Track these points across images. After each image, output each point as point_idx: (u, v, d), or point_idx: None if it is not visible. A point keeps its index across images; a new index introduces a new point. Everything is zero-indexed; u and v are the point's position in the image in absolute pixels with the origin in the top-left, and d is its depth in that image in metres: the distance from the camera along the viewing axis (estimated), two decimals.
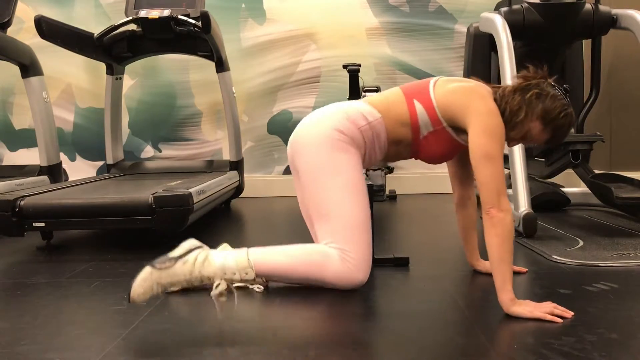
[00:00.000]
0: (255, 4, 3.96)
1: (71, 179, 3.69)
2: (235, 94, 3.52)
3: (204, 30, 3.01)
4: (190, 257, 1.50)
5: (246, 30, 3.98)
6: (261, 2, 3.96)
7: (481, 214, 1.47)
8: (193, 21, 3.08)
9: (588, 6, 2.75)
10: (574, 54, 3.16)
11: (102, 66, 3.50)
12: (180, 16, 3.08)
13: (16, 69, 3.26)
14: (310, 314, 1.51)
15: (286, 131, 4.00)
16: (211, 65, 3.42)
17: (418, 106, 1.60)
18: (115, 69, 3.47)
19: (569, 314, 1.36)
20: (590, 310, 1.42)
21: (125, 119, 3.93)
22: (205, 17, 2.93)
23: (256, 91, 4.01)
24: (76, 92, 4.04)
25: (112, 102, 3.52)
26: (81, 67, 4.00)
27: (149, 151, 4.05)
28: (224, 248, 1.62)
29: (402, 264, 1.94)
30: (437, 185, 3.91)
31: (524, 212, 2.29)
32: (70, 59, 3.81)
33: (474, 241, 1.83)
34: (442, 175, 3.89)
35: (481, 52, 3.11)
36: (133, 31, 3.27)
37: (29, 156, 4.00)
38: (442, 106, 1.58)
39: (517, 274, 1.76)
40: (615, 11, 2.77)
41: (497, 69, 2.76)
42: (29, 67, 3.23)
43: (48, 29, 2.93)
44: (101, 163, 3.98)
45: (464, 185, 1.81)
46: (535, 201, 2.60)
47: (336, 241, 1.55)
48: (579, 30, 2.80)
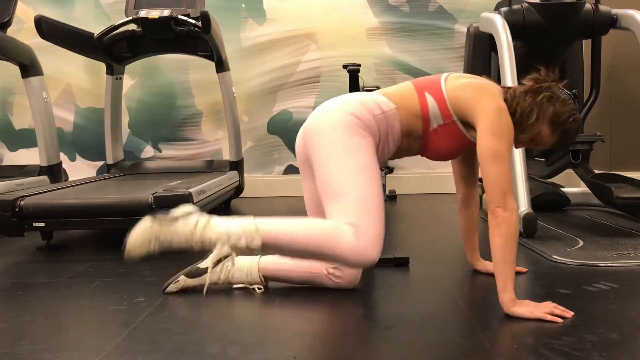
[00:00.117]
0: (255, 4, 3.96)
1: (71, 179, 3.69)
2: (235, 94, 3.52)
3: (204, 30, 3.01)
4: (191, 219, 1.43)
5: (246, 30, 3.98)
6: (261, 2, 3.96)
7: (482, 215, 1.47)
8: (193, 21, 3.08)
9: (588, 6, 2.75)
10: (574, 54, 3.16)
11: (102, 66, 3.50)
12: (180, 16, 3.08)
13: (16, 69, 3.26)
14: (310, 314, 1.51)
15: (286, 131, 4.01)
16: (211, 65, 3.42)
17: (429, 98, 1.57)
18: (115, 69, 3.48)
19: (569, 314, 1.37)
20: (590, 310, 1.42)
21: (125, 119, 3.93)
22: (205, 17, 2.93)
23: (256, 91, 4.01)
24: (76, 92, 4.04)
25: (112, 102, 3.52)
26: (81, 67, 4.00)
27: (149, 151, 4.05)
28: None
29: (402, 263, 1.94)
30: (437, 185, 3.91)
31: (524, 212, 2.29)
32: (70, 59, 3.81)
33: (475, 241, 1.83)
34: (442, 175, 3.91)
35: (481, 52, 3.11)
36: (133, 31, 3.27)
37: (29, 156, 4.00)
38: (452, 99, 1.55)
39: (517, 273, 1.74)
40: (615, 11, 2.77)
41: (497, 69, 2.76)
42: (29, 67, 3.23)
43: (48, 29, 2.93)
44: (101, 163, 3.98)
45: (469, 185, 1.80)
46: (535, 201, 2.60)
47: (350, 218, 1.44)
48: (579, 30, 2.80)
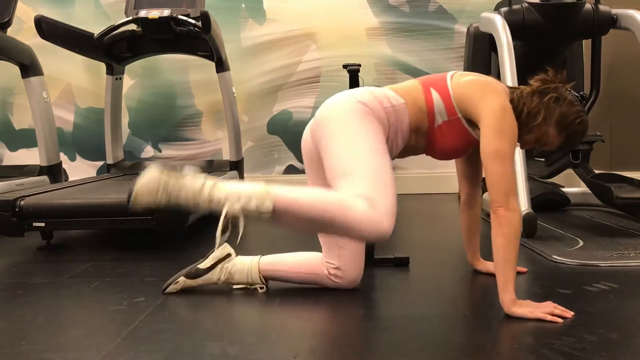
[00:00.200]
0: (255, 4, 3.96)
1: (71, 179, 3.69)
2: (235, 94, 3.52)
3: (204, 30, 3.01)
4: (199, 178, 1.38)
5: (246, 30, 3.98)
6: (261, 2, 3.96)
7: (483, 215, 1.47)
8: (193, 21, 3.07)
9: (588, 6, 2.75)
10: (574, 54, 3.17)
11: (102, 66, 3.50)
12: (180, 16, 3.08)
13: (16, 69, 3.26)
14: (310, 314, 1.51)
15: (286, 131, 4.01)
16: (211, 65, 3.42)
17: (434, 94, 1.57)
18: (115, 69, 3.47)
19: (569, 314, 1.37)
20: (590, 310, 1.42)
21: (125, 119, 3.92)
22: (205, 17, 2.93)
23: (256, 91, 4.01)
24: (76, 92, 4.04)
25: (112, 102, 3.51)
26: (81, 67, 4.00)
27: (149, 151, 4.05)
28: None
29: (402, 263, 1.94)
30: (437, 185, 3.91)
31: (524, 212, 2.29)
32: (70, 59, 3.81)
33: (476, 241, 1.83)
34: (442, 175, 3.91)
35: (481, 52, 3.11)
36: (133, 31, 3.27)
37: (29, 156, 4.00)
38: (457, 96, 1.55)
39: (518, 274, 1.74)
40: (615, 11, 2.77)
41: (497, 69, 2.76)
42: (29, 67, 3.23)
43: (48, 29, 2.93)
44: (101, 163, 3.98)
45: (472, 185, 1.80)
46: (535, 201, 2.60)
47: (362, 189, 1.38)
48: (579, 30, 2.80)
